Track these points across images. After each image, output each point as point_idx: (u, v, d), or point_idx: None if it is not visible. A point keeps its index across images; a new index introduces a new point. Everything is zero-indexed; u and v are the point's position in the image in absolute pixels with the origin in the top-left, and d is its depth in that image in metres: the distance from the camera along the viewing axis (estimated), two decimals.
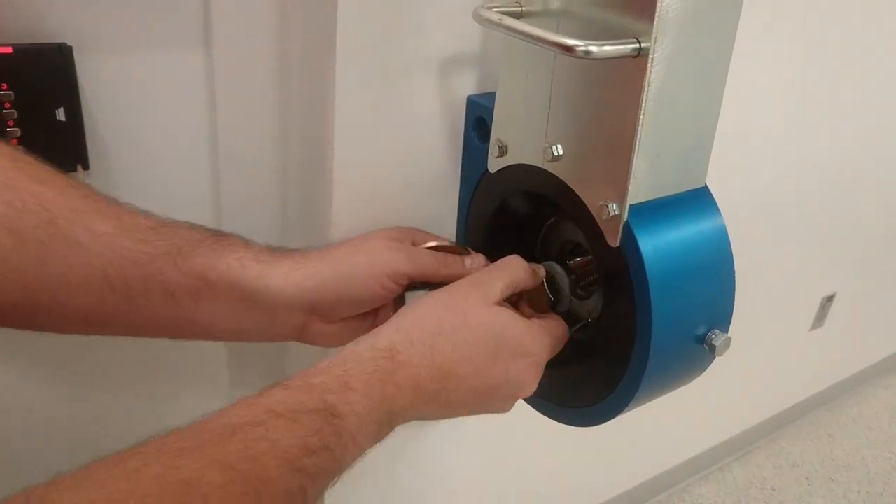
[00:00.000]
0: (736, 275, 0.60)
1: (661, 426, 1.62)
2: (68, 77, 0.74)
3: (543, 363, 0.59)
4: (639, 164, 0.54)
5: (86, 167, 0.79)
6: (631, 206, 0.55)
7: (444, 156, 0.71)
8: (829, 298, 1.82)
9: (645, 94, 0.51)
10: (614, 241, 0.56)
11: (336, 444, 0.44)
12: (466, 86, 0.69)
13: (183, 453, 0.39)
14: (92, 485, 0.36)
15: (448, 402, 0.53)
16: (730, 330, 0.60)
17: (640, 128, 0.52)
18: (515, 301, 0.63)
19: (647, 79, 0.51)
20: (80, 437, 0.78)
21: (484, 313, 0.56)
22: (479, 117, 0.68)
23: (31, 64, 0.72)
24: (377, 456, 0.50)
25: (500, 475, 1.27)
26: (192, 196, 0.85)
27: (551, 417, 0.68)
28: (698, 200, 0.59)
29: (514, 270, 0.61)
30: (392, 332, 0.52)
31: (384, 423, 0.49)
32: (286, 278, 0.57)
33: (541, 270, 0.67)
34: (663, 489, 1.91)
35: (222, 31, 0.75)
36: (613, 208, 0.55)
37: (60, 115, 0.76)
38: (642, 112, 0.52)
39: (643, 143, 0.53)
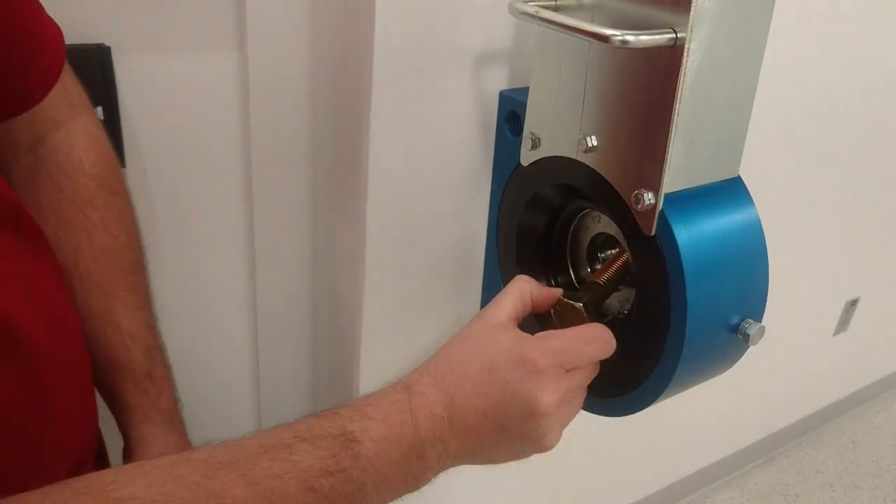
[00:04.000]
0: None
1: (682, 431, 1.61)
2: (106, 77, 0.76)
3: (549, 369, 0.53)
4: (674, 153, 0.54)
5: (122, 165, 0.80)
6: (666, 195, 0.55)
7: (476, 149, 0.72)
8: (853, 303, 1.80)
9: (681, 83, 0.52)
10: (649, 231, 0.56)
11: (353, 467, 0.48)
12: (498, 81, 0.70)
13: (221, 466, 0.45)
14: (144, 482, 0.43)
15: (466, 429, 0.53)
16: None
17: (675, 117, 0.53)
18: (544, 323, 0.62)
19: (683, 68, 0.51)
20: None
21: (483, 333, 0.56)
22: (511, 111, 0.69)
23: (71, 63, 0.74)
24: None
25: (517, 479, 1.27)
26: (224, 194, 0.86)
27: (585, 409, 0.68)
28: (732, 190, 0.60)
29: (516, 287, 0.61)
30: (413, 372, 0.56)
31: (409, 452, 0.51)
32: None
33: (557, 291, 0.65)
34: (685, 494, 1.89)
35: (256, 32, 0.76)
36: (648, 197, 0.56)
37: (99, 114, 0.77)
38: (678, 102, 0.52)
39: (678, 132, 0.53)
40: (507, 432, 0.53)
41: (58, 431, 0.52)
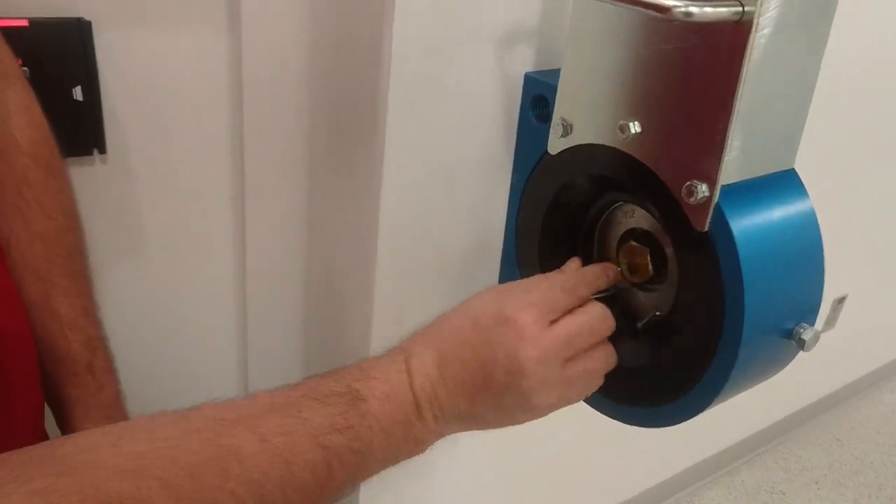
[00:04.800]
0: None
1: (668, 430, 1.58)
2: (86, 54, 0.71)
3: (530, 324, 0.53)
4: (733, 140, 0.49)
5: (102, 150, 0.75)
6: (721, 187, 0.50)
7: (497, 137, 0.67)
8: (841, 300, 1.79)
9: (746, 63, 0.47)
10: (702, 226, 0.51)
11: (360, 424, 0.49)
12: (523, 62, 0.65)
13: (231, 423, 0.45)
14: (152, 438, 0.43)
15: (457, 385, 0.53)
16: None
17: (737, 101, 0.48)
18: None
19: (749, 46, 0.46)
20: None
21: (476, 296, 0.57)
22: (538, 95, 0.64)
23: (47, 39, 0.69)
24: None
25: (503, 481, 1.23)
26: (213, 182, 0.80)
27: (617, 418, 0.63)
28: (788, 183, 0.55)
29: (549, 289, 0.56)
30: (407, 337, 0.56)
31: (409, 411, 0.52)
32: None
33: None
34: (672, 493, 1.88)
35: (250, 6, 0.70)
36: (702, 190, 0.50)
37: (77, 94, 0.72)
38: (742, 84, 0.47)
39: (739, 118, 0.48)
40: (496, 390, 0.53)
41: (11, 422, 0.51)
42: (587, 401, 0.64)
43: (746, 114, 0.49)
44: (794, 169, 0.56)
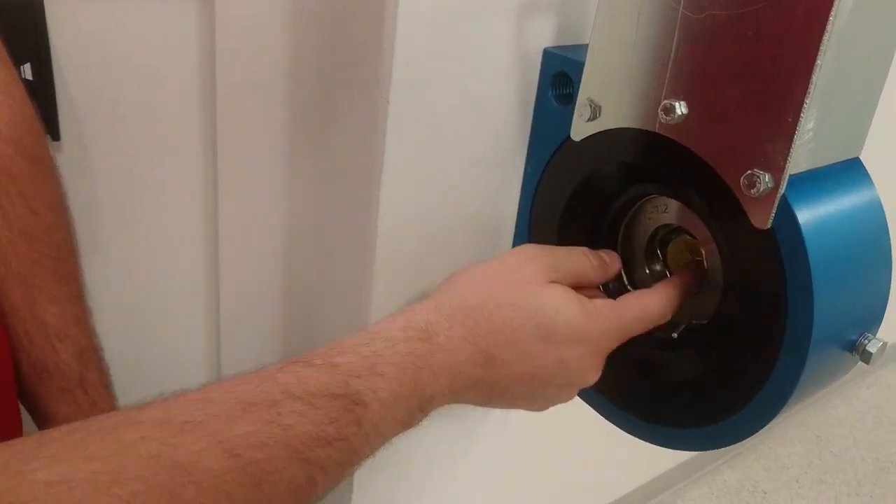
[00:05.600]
0: None
1: None
2: (37, 29, 0.63)
3: (605, 352, 0.51)
4: (806, 122, 0.42)
5: (55, 137, 0.66)
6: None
7: (510, 120, 0.59)
8: None
9: (828, 33, 0.39)
10: (764, 222, 0.44)
11: (355, 434, 0.40)
12: (541, 37, 0.57)
13: (186, 429, 0.35)
14: (81, 457, 0.32)
15: (492, 390, 0.47)
16: None
17: (815, 78, 0.41)
18: None
19: (833, 11, 0.39)
20: None
21: (536, 291, 0.48)
22: (559, 73, 0.56)
23: None
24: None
25: (486, 483, 1.17)
26: (181, 173, 0.71)
27: (650, 440, 0.56)
28: (854, 173, 0.48)
29: (579, 259, 0.53)
30: (431, 310, 0.46)
31: (415, 411, 0.44)
32: None
33: (616, 263, 0.55)
34: (654, 494, 1.84)
35: None
36: (766, 181, 0.43)
37: (26, 72, 0.65)
38: (822, 55, 0.40)
39: (816, 97, 0.41)
40: (537, 394, 0.49)
41: None
42: (624, 427, 0.57)
43: (825, 92, 0.42)
44: (859, 158, 0.49)
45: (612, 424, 0.60)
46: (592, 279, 0.54)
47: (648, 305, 0.51)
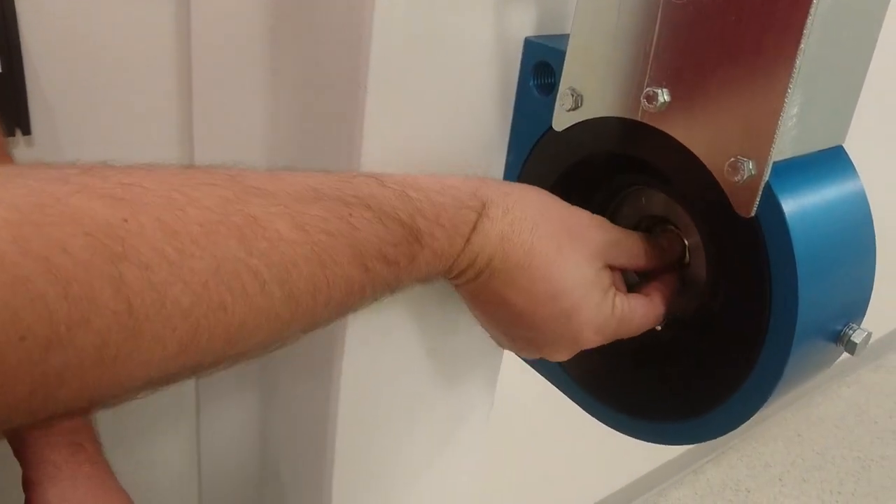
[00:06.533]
0: None
1: None
2: (5, 17, 0.60)
3: (588, 345, 0.50)
4: (791, 107, 0.41)
5: (26, 132, 0.64)
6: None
7: (491, 111, 0.58)
8: None
9: (812, 14, 0.39)
10: (748, 211, 0.43)
11: (405, 265, 0.41)
12: (522, 26, 0.56)
13: (257, 193, 0.34)
14: (156, 178, 0.31)
15: (505, 284, 0.47)
16: None
17: (799, 61, 0.40)
18: None
19: None
20: None
21: (583, 266, 0.49)
22: (541, 62, 0.55)
23: None
24: None
25: (467, 487, 1.16)
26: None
27: (635, 436, 0.55)
28: (837, 161, 0.47)
29: (636, 243, 0.53)
30: (500, 194, 0.47)
31: (453, 266, 0.46)
32: None
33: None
34: (638, 494, 1.84)
35: None
36: (749, 168, 0.43)
37: None
38: (806, 39, 0.39)
39: (800, 81, 0.41)
40: (528, 324, 0.49)
41: None
42: (608, 422, 0.56)
43: (809, 76, 0.41)
44: (842, 146, 0.48)
45: (593, 426, 0.59)
46: (637, 265, 0.54)
47: (649, 314, 0.51)
